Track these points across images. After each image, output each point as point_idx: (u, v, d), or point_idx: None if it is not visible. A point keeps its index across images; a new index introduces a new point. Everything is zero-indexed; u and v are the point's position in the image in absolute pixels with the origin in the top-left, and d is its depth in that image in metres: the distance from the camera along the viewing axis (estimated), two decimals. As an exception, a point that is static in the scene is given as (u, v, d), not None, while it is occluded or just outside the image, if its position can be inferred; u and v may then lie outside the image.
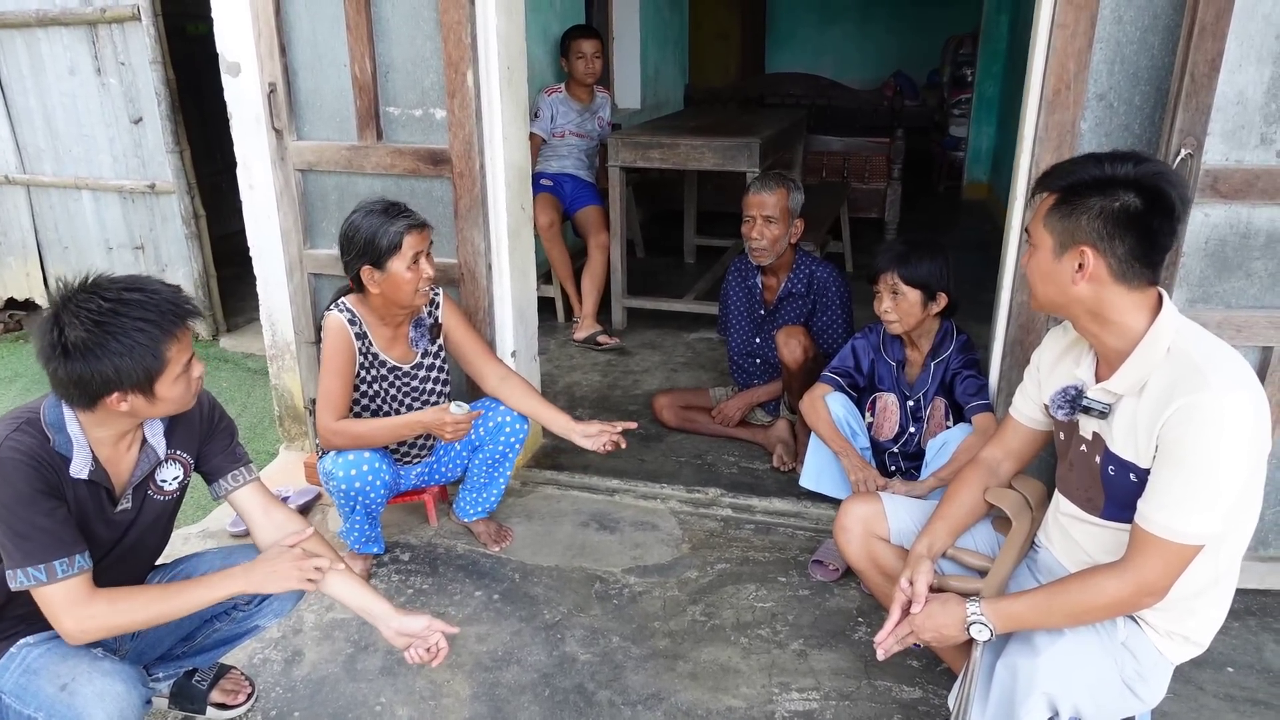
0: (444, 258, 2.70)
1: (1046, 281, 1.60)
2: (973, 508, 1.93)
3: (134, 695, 1.53)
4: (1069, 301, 1.59)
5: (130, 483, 1.68)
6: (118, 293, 1.51)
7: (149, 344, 1.50)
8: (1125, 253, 1.50)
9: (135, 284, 1.54)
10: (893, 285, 2.39)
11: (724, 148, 3.92)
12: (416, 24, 2.54)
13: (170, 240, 4.45)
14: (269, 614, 1.91)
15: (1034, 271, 1.62)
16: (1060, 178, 1.57)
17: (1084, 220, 1.51)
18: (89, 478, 1.60)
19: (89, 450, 1.60)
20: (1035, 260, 1.61)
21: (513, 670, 2.17)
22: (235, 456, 1.85)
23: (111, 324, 1.48)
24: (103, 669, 1.54)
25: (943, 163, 7.75)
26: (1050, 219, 1.56)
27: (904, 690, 2.10)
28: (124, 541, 1.72)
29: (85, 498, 1.61)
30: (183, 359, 1.57)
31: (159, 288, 1.56)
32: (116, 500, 1.67)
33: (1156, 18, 2.04)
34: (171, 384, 1.56)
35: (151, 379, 1.53)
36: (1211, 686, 2.09)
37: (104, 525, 1.67)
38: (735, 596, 2.43)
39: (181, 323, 1.56)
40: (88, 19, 4.13)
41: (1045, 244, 1.57)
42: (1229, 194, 2.04)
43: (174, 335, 1.54)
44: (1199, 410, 1.45)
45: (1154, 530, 1.50)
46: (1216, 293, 2.14)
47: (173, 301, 1.55)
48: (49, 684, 1.52)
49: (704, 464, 3.12)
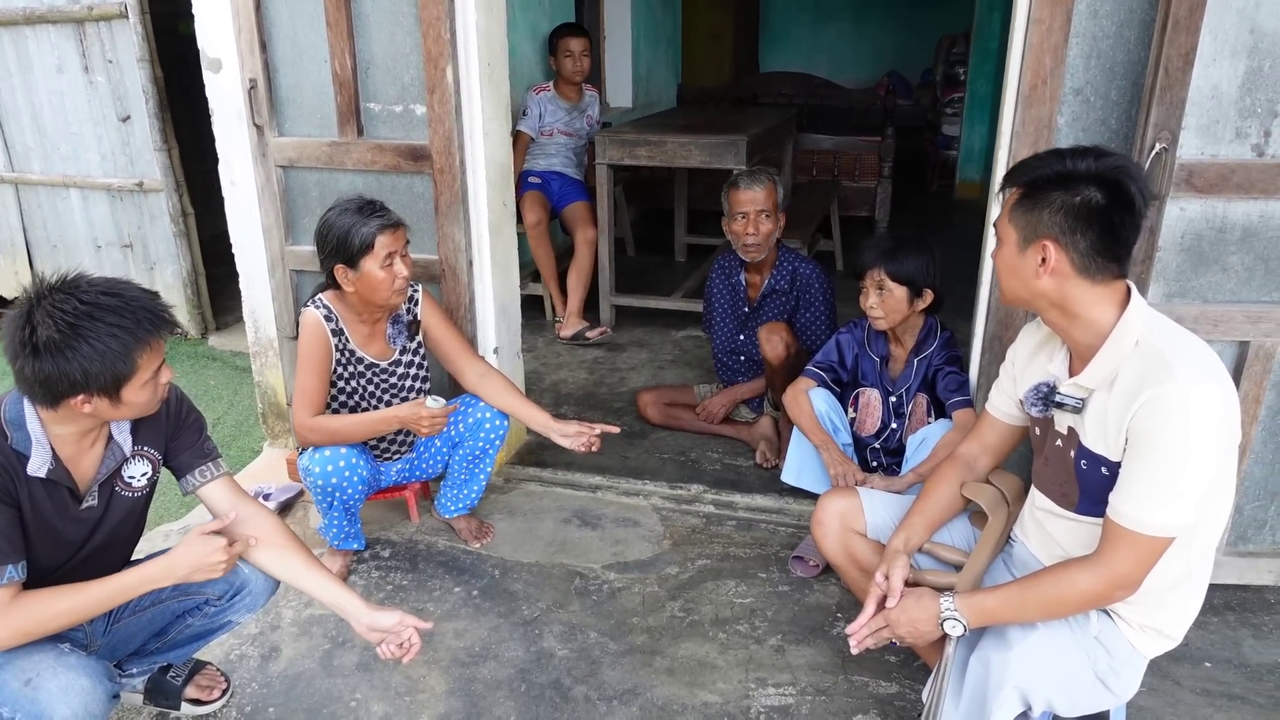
0: (425, 254, 2.70)
1: (1011, 275, 1.60)
2: (950, 503, 1.92)
3: (99, 690, 1.53)
4: (1033, 296, 1.59)
5: (95, 480, 1.67)
6: (95, 295, 1.50)
7: (120, 350, 1.49)
8: (1087, 247, 1.51)
9: (114, 288, 1.53)
10: (879, 281, 2.38)
11: (711, 145, 3.92)
12: (396, 20, 2.54)
13: (158, 238, 4.44)
14: (241, 609, 1.90)
15: (1000, 266, 1.63)
16: (1024, 173, 1.58)
17: (1045, 214, 1.52)
18: (48, 476, 1.58)
19: (49, 448, 1.58)
20: (1001, 255, 1.62)
21: (489, 666, 2.17)
22: (203, 452, 1.83)
23: (85, 326, 1.46)
24: (68, 664, 1.53)
25: (936, 162, 7.74)
26: (1015, 214, 1.57)
27: (880, 685, 2.09)
28: (94, 539, 1.71)
29: (43, 497, 1.59)
30: (152, 365, 1.56)
31: (137, 294, 1.55)
32: (81, 498, 1.66)
33: (1132, 12, 2.03)
34: (139, 389, 1.55)
35: (119, 384, 1.52)
36: (1189, 681, 2.09)
37: (69, 523, 1.65)
38: (715, 592, 2.43)
39: (156, 331, 1.54)
40: (75, 17, 4.12)
41: (1010, 238, 1.58)
42: (1204, 188, 2.04)
43: (147, 342, 1.52)
44: (1166, 402, 1.45)
45: (1124, 523, 1.50)
46: (1193, 287, 2.14)
47: (149, 309, 1.54)
48: (13, 679, 1.51)
49: (687, 461, 3.12)
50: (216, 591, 1.85)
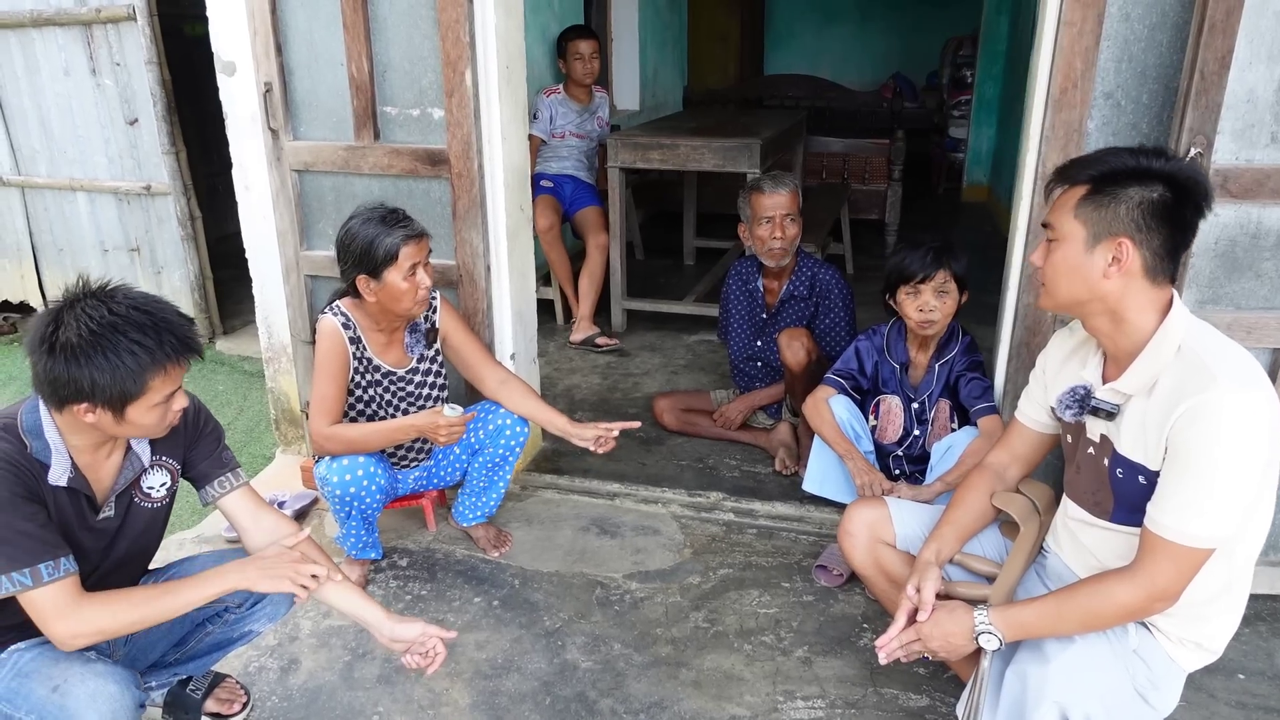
0: (442, 259, 2.66)
1: (1073, 276, 1.53)
2: (980, 513, 1.90)
3: (127, 697, 1.51)
4: (1094, 297, 1.53)
5: (113, 490, 1.65)
6: (127, 308, 1.48)
7: (134, 368, 1.46)
8: (1159, 246, 1.47)
9: (148, 304, 1.51)
10: (942, 283, 2.34)
11: (725, 149, 3.89)
12: (414, 22, 2.51)
13: (166, 242, 4.41)
14: (262, 618, 1.88)
15: (1057, 266, 1.55)
16: (1089, 167, 1.52)
17: (1122, 210, 1.47)
18: (68, 485, 1.56)
19: (68, 457, 1.56)
20: (1060, 254, 1.54)
21: (513, 678, 2.13)
22: (222, 462, 1.81)
23: (106, 337, 1.44)
24: (96, 670, 1.52)
25: (942, 164, 7.72)
26: (1083, 209, 1.50)
27: (910, 698, 2.06)
28: (113, 549, 1.69)
29: (65, 505, 1.58)
30: (165, 390, 1.52)
31: (170, 316, 1.52)
32: (99, 508, 1.64)
33: (1164, 15, 2.01)
34: (145, 411, 1.52)
35: (125, 402, 1.49)
36: (1223, 694, 2.06)
37: (87, 534, 1.63)
38: (738, 602, 2.39)
39: (176, 357, 1.51)
40: (82, 19, 4.09)
41: (1075, 236, 1.51)
42: (1239, 193, 2.01)
43: (163, 366, 1.49)
44: (1208, 409, 1.42)
45: (1164, 534, 1.47)
46: (1226, 294, 2.11)
47: (177, 334, 1.51)
48: (40, 686, 1.49)
49: (705, 467, 3.09)
50: (237, 599, 1.83)
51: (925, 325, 2.39)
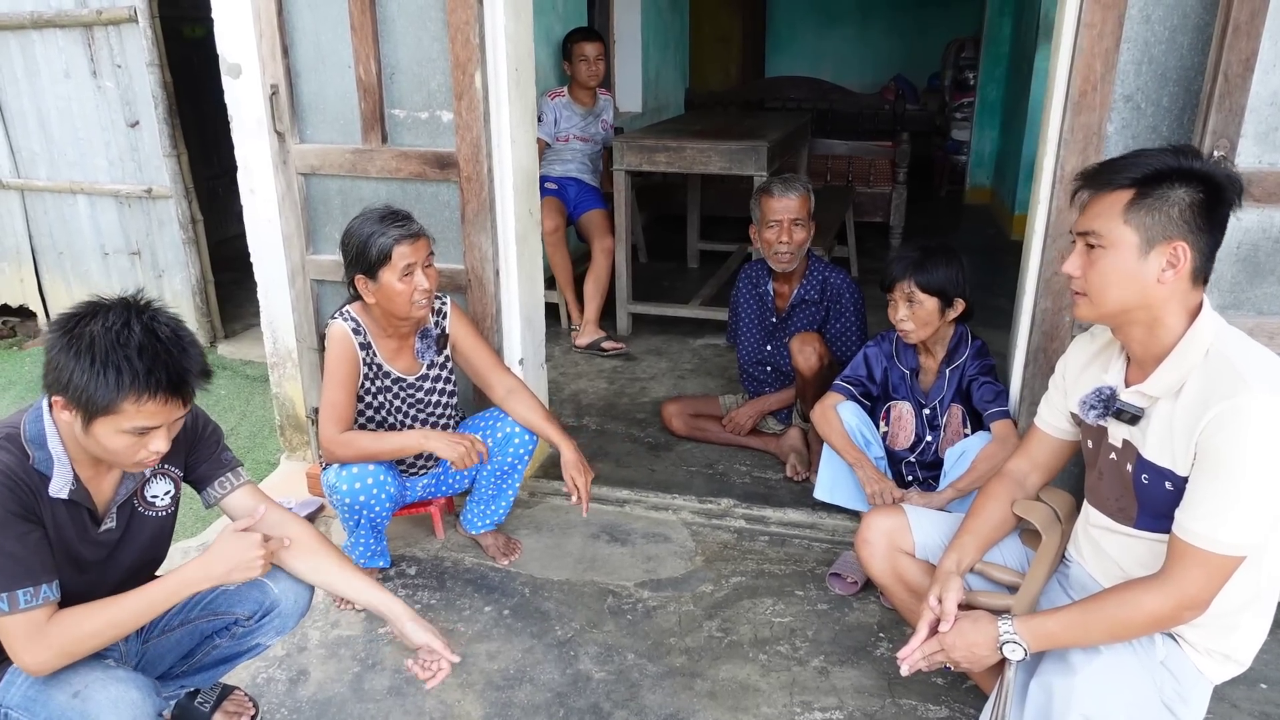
0: (451, 264, 2.64)
1: (1126, 283, 1.48)
2: (1001, 521, 1.87)
3: (148, 704, 1.48)
4: (1142, 304, 1.49)
5: (114, 501, 1.62)
6: (145, 330, 1.43)
7: (111, 383, 1.40)
8: (1205, 247, 1.45)
9: (164, 334, 1.45)
10: (909, 293, 2.32)
11: (731, 151, 3.86)
12: (423, 24, 2.48)
13: (167, 245, 4.38)
14: (271, 631, 1.84)
15: (1107, 274, 1.49)
16: (1127, 170, 1.47)
17: (1175, 212, 1.43)
18: (69, 497, 1.52)
19: (70, 468, 1.53)
20: (1110, 262, 1.48)
21: (525, 689, 2.10)
22: (223, 462, 1.77)
23: (108, 346, 1.40)
24: (116, 676, 1.49)
25: (944, 167, 7.71)
26: (1134, 214, 1.45)
27: (930, 709, 2.04)
28: (118, 561, 1.65)
29: (65, 519, 1.54)
30: (138, 421, 1.44)
31: (175, 353, 1.44)
32: (100, 520, 1.60)
33: (1186, 17, 1.99)
34: (113, 434, 1.44)
35: (92, 413, 1.43)
36: (1246, 704, 2.03)
37: (89, 546, 1.60)
38: (752, 611, 2.36)
39: (157, 392, 1.42)
40: (83, 21, 4.06)
41: (1127, 242, 1.46)
42: (1262, 197, 1.99)
43: (140, 396, 1.41)
44: (1239, 414, 1.40)
45: (1194, 541, 1.45)
46: (1248, 299, 2.09)
47: (171, 372, 1.43)
48: (60, 692, 1.47)
49: (715, 474, 3.06)
50: (246, 611, 1.79)
51: (902, 334, 2.39)
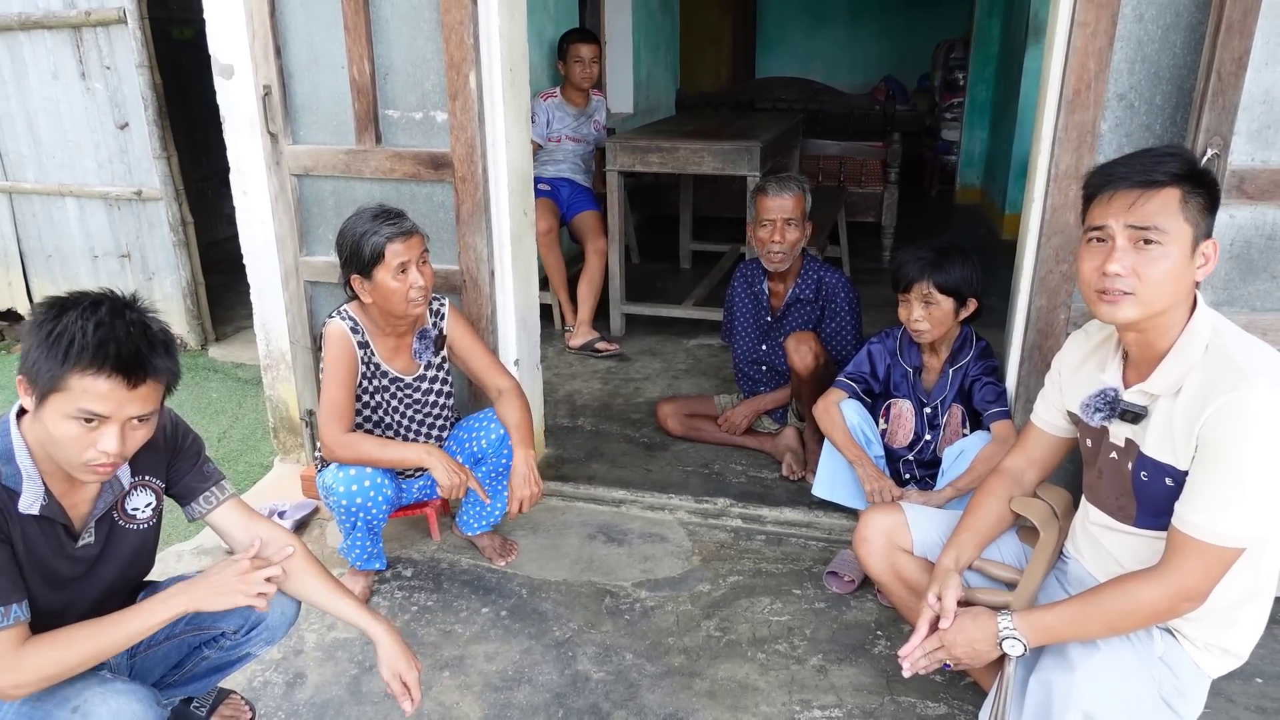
0: (445, 264, 2.63)
1: (1179, 281, 1.46)
2: (999, 518, 1.88)
3: (150, 714, 1.45)
4: (1178, 302, 1.49)
5: (92, 515, 1.56)
6: (114, 308, 1.40)
7: (58, 354, 1.34)
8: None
9: (133, 316, 1.41)
10: (926, 294, 2.31)
11: (724, 152, 3.86)
12: (417, 25, 2.48)
13: (157, 248, 4.35)
14: (259, 641, 1.80)
15: (1168, 273, 1.44)
16: (1167, 166, 1.45)
17: (1209, 210, 1.46)
18: (41, 513, 1.47)
19: (41, 483, 1.46)
20: (1169, 259, 1.44)
21: (524, 690, 2.10)
22: (205, 475, 1.72)
23: (68, 319, 1.36)
24: (116, 689, 1.46)
25: (934, 167, 7.74)
26: (1189, 211, 1.44)
27: (928, 706, 2.04)
28: (98, 576, 1.60)
29: (36, 536, 1.48)
30: (84, 403, 1.35)
31: (133, 331, 1.38)
32: (77, 535, 1.55)
33: (1179, 16, 2.00)
34: (60, 419, 1.37)
35: (44, 392, 1.37)
36: (1242, 698, 2.04)
37: (66, 562, 1.54)
38: (750, 610, 2.36)
39: (105, 368, 1.35)
40: (72, 22, 4.03)
41: (1184, 239, 1.44)
42: (1255, 195, 2.00)
43: (85, 369, 1.34)
44: (1240, 407, 1.41)
45: (1193, 532, 1.46)
46: (1241, 295, 2.10)
47: (125, 348, 1.36)
48: (59, 709, 1.43)
49: (711, 473, 3.06)
50: (232, 625, 1.75)
51: (916, 334, 2.39)
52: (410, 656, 1.68)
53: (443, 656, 2.20)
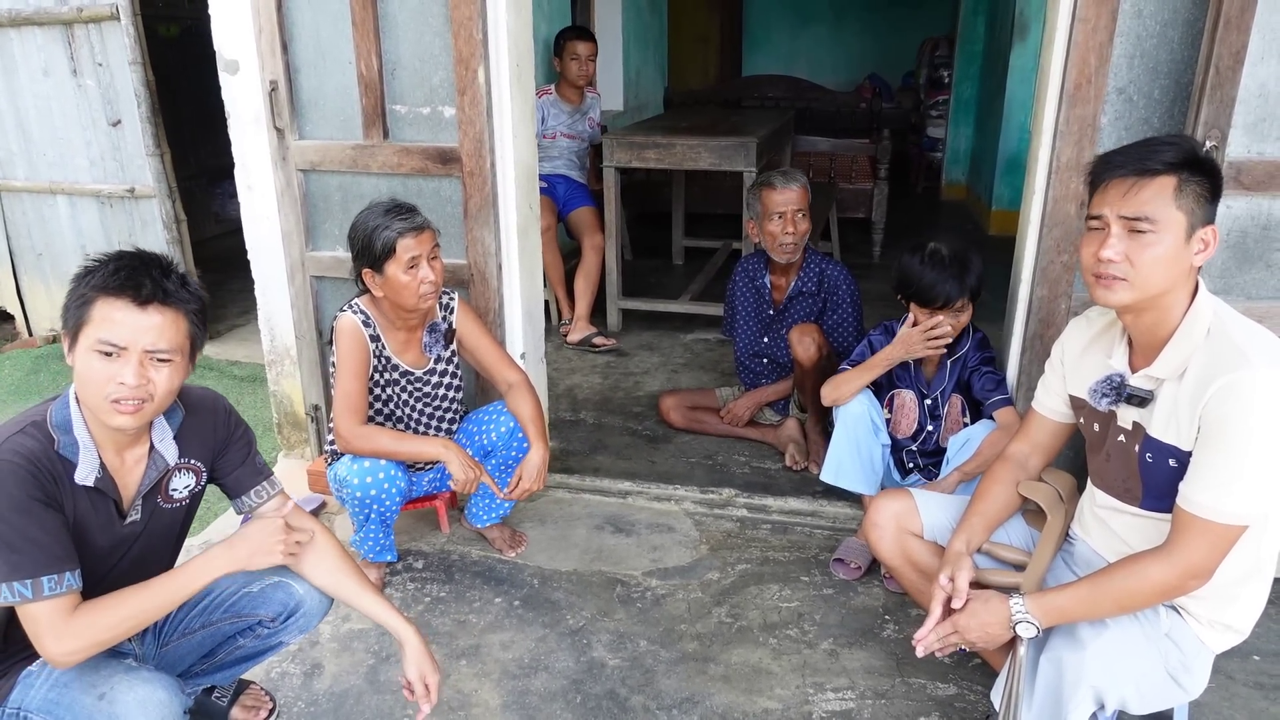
0: (453, 258, 2.64)
1: (1173, 267, 1.51)
2: (1006, 502, 1.92)
3: (175, 703, 1.47)
4: (1175, 287, 1.54)
5: (139, 492, 1.60)
6: (142, 253, 1.50)
7: (82, 288, 1.44)
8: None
9: (156, 257, 1.50)
10: (959, 307, 2.34)
11: (721, 148, 3.90)
12: (425, 20, 2.49)
13: (150, 246, 4.10)
14: (295, 630, 1.83)
15: (1160, 259, 1.50)
16: (1163, 155, 1.50)
17: (1206, 197, 1.50)
18: (95, 485, 1.51)
19: (96, 455, 1.51)
20: (1164, 246, 1.50)
21: (541, 677, 2.12)
22: (257, 469, 1.76)
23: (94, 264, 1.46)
24: (142, 677, 1.48)
25: (920, 164, 7.81)
26: (1183, 199, 1.49)
27: (938, 687, 2.08)
28: (130, 553, 1.64)
29: (88, 509, 1.52)
30: (103, 333, 1.42)
31: (150, 264, 1.47)
32: (125, 513, 1.59)
33: (1176, 12, 2.05)
34: (87, 355, 1.44)
35: (74, 330, 1.45)
36: (1240, 675, 2.10)
37: (109, 536, 1.58)
38: (759, 597, 2.40)
39: (121, 292, 1.42)
40: (63, 19, 4.01)
41: (1177, 226, 1.49)
42: (1251, 186, 2.06)
43: (101, 295, 1.42)
44: (1241, 387, 1.45)
45: (1198, 511, 1.50)
46: (1237, 284, 2.16)
47: (137, 273, 1.44)
48: (85, 694, 1.45)
49: (715, 464, 3.09)
50: (270, 613, 1.78)
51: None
52: (435, 659, 1.71)
53: (459, 646, 2.22)
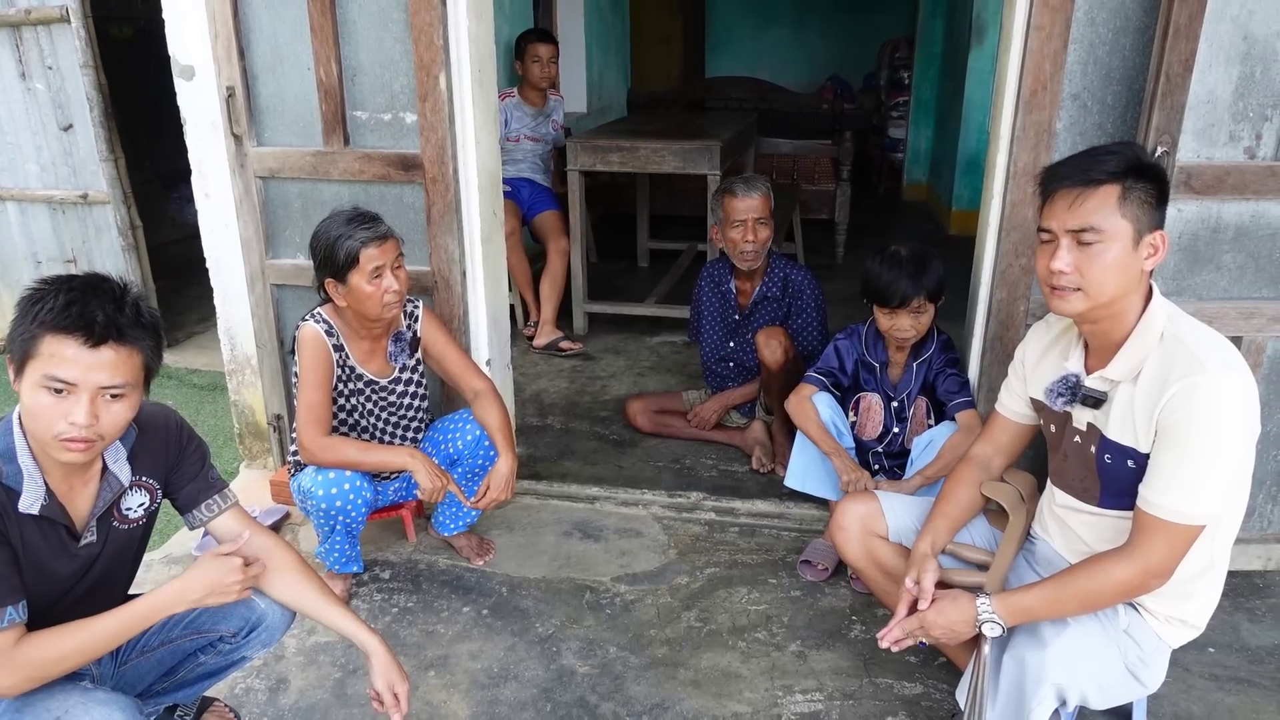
0: (416, 265, 2.62)
1: (1122, 274, 1.54)
2: (970, 503, 1.95)
3: None
4: (1127, 293, 1.57)
5: (93, 514, 1.56)
6: (92, 281, 1.42)
7: (30, 320, 1.36)
8: None
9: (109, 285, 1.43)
10: (918, 306, 2.37)
11: (685, 151, 3.91)
12: (385, 25, 2.47)
13: (105, 253, 4.23)
14: (258, 645, 1.80)
15: (1110, 266, 1.54)
16: (1107, 164, 1.53)
17: (1152, 204, 1.53)
18: (41, 513, 1.46)
19: (42, 483, 1.47)
20: (1112, 254, 1.53)
21: (511, 686, 2.11)
22: (209, 483, 1.72)
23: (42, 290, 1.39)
24: (97, 699, 1.44)
25: (881, 164, 7.90)
26: (1127, 207, 1.52)
27: (905, 686, 2.11)
28: (89, 575, 1.60)
29: (36, 536, 1.48)
30: (51, 368, 1.35)
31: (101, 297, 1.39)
32: (79, 535, 1.55)
33: (1128, 20, 2.10)
34: (32, 389, 1.37)
35: (20, 363, 1.39)
36: (1197, 668, 2.15)
37: (65, 561, 1.54)
38: (728, 600, 2.41)
39: (70, 329, 1.35)
40: (11, 21, 3.91)
41: (1125, 234, 1.53)
42: (1201, 190, 2.11)
43: (49, 332, 1.36)
44: (1197, 391, 1.49)
45: (1159, 513, 1.53)
46: (1189, 285, 2.21)
47: (87, 310, 1.36)
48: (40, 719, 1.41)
49: (683, 468, 3.10)
50: (231, 628, 1.75)
51: (900, 342, 2.45)
52: (402, 669, 1.69)
53: (427, 656, 2.21)
